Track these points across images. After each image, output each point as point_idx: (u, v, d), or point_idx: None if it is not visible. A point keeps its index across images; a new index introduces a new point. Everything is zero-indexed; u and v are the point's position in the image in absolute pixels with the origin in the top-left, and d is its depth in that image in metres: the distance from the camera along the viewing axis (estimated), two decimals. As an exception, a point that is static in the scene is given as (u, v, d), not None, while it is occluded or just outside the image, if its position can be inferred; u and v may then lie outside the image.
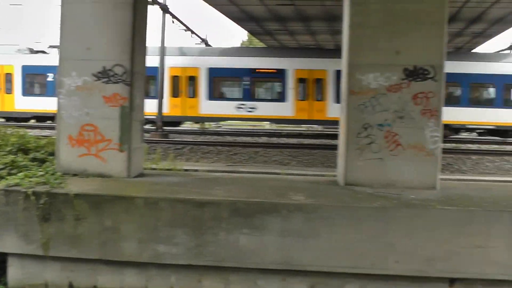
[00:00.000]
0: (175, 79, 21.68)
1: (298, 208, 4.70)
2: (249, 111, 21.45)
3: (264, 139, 18.48)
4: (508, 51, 25.05)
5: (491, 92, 20.62)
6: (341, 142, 5.95)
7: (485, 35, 19.86)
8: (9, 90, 22.44)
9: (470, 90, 20.49)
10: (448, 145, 15.95)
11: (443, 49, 5.59)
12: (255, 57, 21.72)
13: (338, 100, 21.12)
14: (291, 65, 21.30)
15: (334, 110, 20.82)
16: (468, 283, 4.77)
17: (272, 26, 20.09)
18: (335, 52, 22.29)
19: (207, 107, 21.61)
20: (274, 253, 4.70)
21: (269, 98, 22.25)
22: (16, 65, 22.39)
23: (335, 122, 21.92)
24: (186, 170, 8.26)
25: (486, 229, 4.63)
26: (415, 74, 5.55)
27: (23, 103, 22.41)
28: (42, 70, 22.12)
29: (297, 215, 4.68)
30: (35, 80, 22.84)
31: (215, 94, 21.86)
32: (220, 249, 4.72)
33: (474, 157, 13.54)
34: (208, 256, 4.73)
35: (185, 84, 21.54)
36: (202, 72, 21.69)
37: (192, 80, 21.73)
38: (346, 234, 4.66)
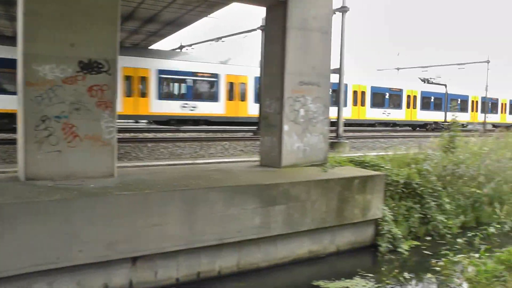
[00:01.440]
0: None
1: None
2: None
3: None
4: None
5: None
6: (19, 135, 5.65)
7: (159, 35, 21.49)
8: None
9: None
10: (127, 135, 16.82)
11: (116, 44, 5.95)
12: None
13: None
14: None
15: None
16: (148, 259, 5.34)
17: None
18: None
19: None
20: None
21: None
22: None
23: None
24: None
25: (161, 208, 5.26)
26: (90, 67, 5.73)
27: None
28: None
29: (-23, 218, 4.22)
30: None
31: None
32: None
33: (150, 144, 14.68)
34: None
35: None
36: None
37: None
38: (31, 231, 4.48)
